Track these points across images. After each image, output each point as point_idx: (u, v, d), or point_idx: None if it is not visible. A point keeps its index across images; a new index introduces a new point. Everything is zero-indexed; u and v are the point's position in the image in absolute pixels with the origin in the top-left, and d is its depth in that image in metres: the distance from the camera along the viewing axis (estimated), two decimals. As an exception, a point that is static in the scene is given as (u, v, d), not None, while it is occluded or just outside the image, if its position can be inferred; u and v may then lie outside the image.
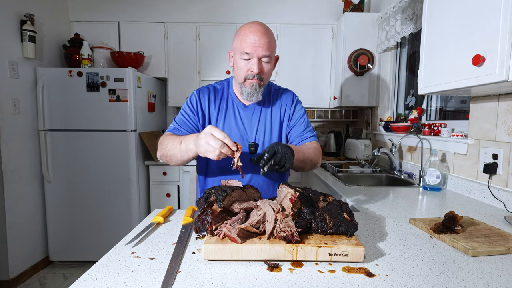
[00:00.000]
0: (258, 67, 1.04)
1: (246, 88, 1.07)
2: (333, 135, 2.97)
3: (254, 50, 1.02)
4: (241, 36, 1.04)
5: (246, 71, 1.06)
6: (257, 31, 1.03)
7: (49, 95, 2.36)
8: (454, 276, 0.64)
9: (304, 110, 1.24)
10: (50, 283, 2.24)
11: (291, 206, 0.75)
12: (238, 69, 1.08)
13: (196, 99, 1.16)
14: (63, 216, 2.44)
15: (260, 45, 1.02)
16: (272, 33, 1.08)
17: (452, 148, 1.59)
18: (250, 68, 1.05)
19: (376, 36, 2.53)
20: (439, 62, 1.23)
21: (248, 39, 1.02)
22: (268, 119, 1.17)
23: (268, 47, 1.04)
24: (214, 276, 0.63)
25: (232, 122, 1.15)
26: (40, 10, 2.44)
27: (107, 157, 2.42)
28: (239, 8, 2.90)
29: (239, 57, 1.06)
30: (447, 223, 0.87)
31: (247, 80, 1.07)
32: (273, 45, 1.07)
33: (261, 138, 1.15)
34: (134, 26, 2.82)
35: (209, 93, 1.17)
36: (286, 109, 1.20)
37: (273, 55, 1.08)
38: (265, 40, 1.03)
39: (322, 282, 0.61)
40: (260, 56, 1.04)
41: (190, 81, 2.86)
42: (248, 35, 1.03)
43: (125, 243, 0.79)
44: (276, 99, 1.21)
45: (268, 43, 1.04)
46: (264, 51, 1.03)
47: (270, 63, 1.08)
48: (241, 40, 1.04)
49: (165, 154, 1.05)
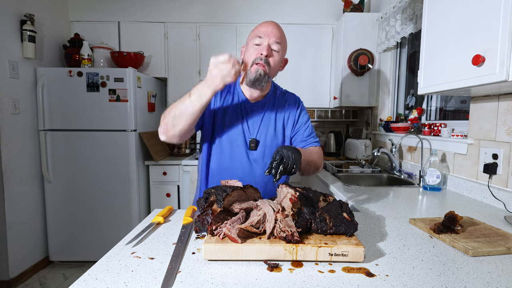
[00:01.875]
0: (267, 50, 1.05)
1: (252, 73, 1.06)
2: (333, 135, 2.97)
3: (266, 35, 1.06)
4: (256, 27, 1.10)
5: (256, 54, 1.06)
6: (271, 23, 1.10)
7: (49, 95, 2.36)
8: (454, 276, 0.64)
9: (308, 117, 1.26)
10: (50, 283, 2.24)
11: (291, 206, 0.75)
12: (248, 55, 1.09)
13: None
14: (63, 216, 2.44)
15: (273, 33, 1.07)
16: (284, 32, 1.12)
17: (452, 148, 1.59)
18: (259, 51, 1.06)
19: (376, 36, 2.53)
20: (439, 62, 1.23)
21: (262, 27, 1.08)
22: (272, 118, 1.18)
23: (279, 36, 1.08)
24: (214, 276, 0.63)
25: (235, 116, 1.16)
26: (40, 10, 2.44)
27: (107, 157, 2.42)
28: (239, 8, 2.90)
29: (251, 44, 1.08)
30: (447, 223, 0.87)
31: (254, 65, 1.06)
32: (284, 40, 1.11)
33: (262, 136, 1.16)
34: (134, 26, 2.82)
35: None
36: (290, 114, 1.21)
37: (283, 48, 1.11)
38: (277, 30, 1.08)
39: (322, 282, 0.61)
40: (271, 42, 1.06)
41: (190, 81, 2.85)
42: (262, 24, 1.09)
43: (125, 243, 0.79)
44: (282, 102, 1.21)
45: (280, 35, 1.09)
46: (275, 38, 1.06)
47: (278, 55, 1.09)
48: (255, 30, 1.10)
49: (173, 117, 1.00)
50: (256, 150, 1.15)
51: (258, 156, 1.16)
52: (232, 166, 1.16)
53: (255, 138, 1.15)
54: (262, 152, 1.16)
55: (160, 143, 2.82)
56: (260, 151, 1.16)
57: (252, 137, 1.15)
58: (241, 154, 1.15)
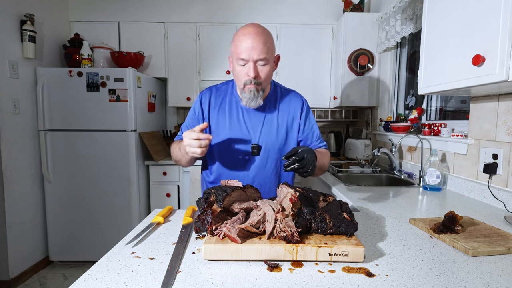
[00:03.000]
0: (254, 71, 1.01)
1: (246, 94, 1.06)
2: (333, 135, 2.97)
3: (248, 54, 0.99)
4: (236, 41, 1.02)
5: (244, 76, 1.04)
6: (251, 33, 1.00)
7: (49, 95, 2.36)
8: (454, 276, 0.64)
9: (313, 118, 1.24)
10: (50, 283, 2.24)
11: (291, 206, 0.75)
12: (236, 74, 1.06)
13: (198, 103, 1.18)
14: (63, 216, 2.44)
15: (254, 48, 0.99)
16: (268, 33, 1.05)
17: (452, 148, 1.59)
18: (247, 72, 1.02)
19: (376, 36, 2.53)
20: (439, 62, 1.23)
21: (242, 44, 1.00)
22: (274, 121, 1.15)
23: (263, 49, 1.00)
24: (214, 276, 0.63)
25: (236, 123, 1.14)
26: (40, 10, 2.44)
27: (107, 157, 2.42)
28: (239, 8, 2.90)
29: (236, 63, 1.04)
30: (447, 223, 0.87)
31: (246, 86, 1.04)
32: (269, 46, 1.03)
33: (264, 140, 1.14)
34: (134, 26, 2.82)
35: (211, 94, 1.18)
36: (295, 116, 1.18)
37: (270, 57, 1.05)
38: (259, 42, 0.99)
39: (322, 282, 0.61)
40: (255, 60, 1.01)
41: (190, 81, 2.86)
42: (241, 39, 1.00)
43: (125, 243, 0.79)
44: (284, 102, 1.18)
45: (263, 45, 1.00)
46: (258, 54, 1.00)
47: (267, 66, 1.04)
48: (236, 46, 1.02)
49: (174, 159, 1.16)
50: (258, 155, 1.14)
51: (261, 161, 1.14)
52: (235, 172, 1.15)
53: (257, 143, 1.13)
54: (266, 157, 1.14)
55: (160, 143, 2.82)
56: (263, 156, 1.14)
57: (254, 142, 1.13)
58: (244, 161, 1.14)
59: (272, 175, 1.17)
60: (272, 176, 1.17)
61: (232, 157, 1.14)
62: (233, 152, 1.14)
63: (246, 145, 1.13)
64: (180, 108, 3.20)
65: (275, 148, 1.15)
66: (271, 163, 1.15)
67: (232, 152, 1.14)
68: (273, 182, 1.18)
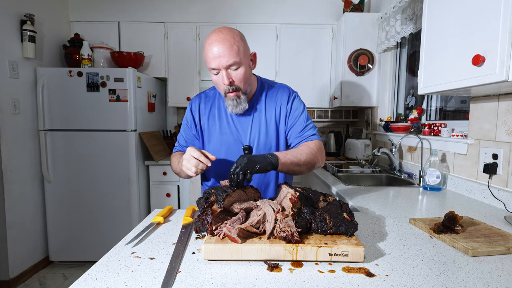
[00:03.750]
0: (227, 78, 1.00)
1: (229, 101, 1.06)
2: (333, 135, 2.97)
3: (217, 63, 0.98)
4: (204, 52, 1.02)
5: (221, 85, 1.04)
6: (215, 41, 0.98)
7: (49, 95, 2.36)
8: (454, 276, 0.64)
9: (303, 106, 1.17)
10: (50, 283, 2.24)
11: (291, 206, 0.76)
12: (216, 84, 1.07)
13: (189, 111, 1.19)
14: (63, 216, 2.44)
15: (222, 55, 0.97)
16: (235, 34, 1.01)
17: (452, 148, 1.59)
18: (222, 81, 1.02)
19: (376, 36, 2.53)
20: (439, 62, 1.23)
21: (209, 54, 0.99)
22: (263, 120, 1.14)
23: (230, 53, 0.97)
24: (214, 276, 0.63)
25: (226, 127, 1.14)
26: (40, 10, 2.44)
27: (107, 157, 2.42)
28: (239, 8, 2.90)
29: (211, 73, 1.05)
30: (447, 223, 0.87)
31: (227, 94, 1.05)
32: (238, 47, 0.99)
33: (255, 141, 1.13)
34: (134, 26, 2.82)
35: (200, 101, 1.19)
36: (281, 108, 1.14)
37: (242, 58, 1.01)
38: (224, 48, 0.97)
39: (322, 282, 0.61)
40: (226, 66, 0.99)
41: (190, 81, 2.86)
42: (208, 49, 0.99)
43: (125, 243, 0.79)
44: (271, 98, 1.16)
45: (230, 49, 0.97)
46: (227, 59, 0.98)
47: (241, 68, 1.01)
48: (205, 56, 1.02)
49: (174, 172, 1.15)
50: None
51: None
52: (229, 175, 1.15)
53: (248, 144, 1.13)
54: None
55: (160, 143, 2.82)
56: None
57: (245, 143, 1.13)
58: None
59: (268, 174, 1.16)
60: (268, 175, 1.17)
61: (226, 161, 1.14)
62: (226, 155, 1.14)
63: (238, 147, 1.13)
64: (180, 108, 3.20)
65: (267, 146, 1.14)
66: None
67: (225, 155, 1.14)
68: (269, 181, 1.18)
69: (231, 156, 1.14)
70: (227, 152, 1.14)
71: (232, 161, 1.13)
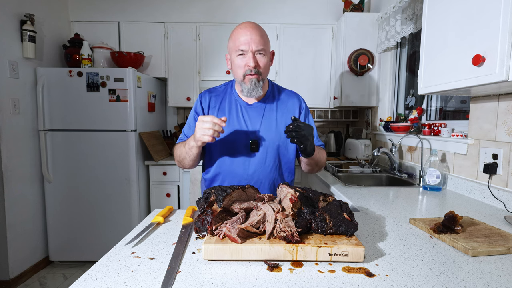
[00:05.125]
0: (254, 61, 1.06)
1: (246, 84, 1.09)
2: (333, 135, 2.97)
3: (247, 45, 1.06)
4: (234, 36, 1.09)
5: (243, 67, 1.08)
6: (247, 27, 1.07)
7: (49, 95, 2.36)
8: (454, 276, 0.64)
9: (311, 117, 1.27)
10: (50, 283, 2.24)
11: (291, 206, 0.75)
12: (236, 67, 1.10)
13: (198, 104, 1.21)
14: (63, 216, 2.44)
15: (253, 40, 1.05)
16: (263, 29, 1.11)
17: (452, 148, 1.59)
18: (246, 63, 1.07)
19: (376, 36, 2.53)
20: (439, 62, 1.23)
21: (240, 37, 1.06)
22: (273, 118, 1.18)
23: (260, 40, 1.07)
24: (214, 276, 0.63)
25: (235, 121, 1.17)
26: (40, 10, 2.44)
27: (107, 157, 2.42)
28: (239, 8, 2.90)
29: (235, 55, 1.09)
30: (447, 223, 0.87)
31: (246, 77, 1.09)
32: (266, 39, 1.10)
33: (263, 136, 1.16)
34: (134, 26, 2.82)
35: (211, 95, 1.21)
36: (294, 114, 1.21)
37: (267, 50, 1.10)
38: (256, 34, 1.06)
39: (322, 282, 0.61)
40: (254, 50, 1.06)
41: (190, 81, 2.86)
42: (239, 33, 1.07)
43: (125, 243, 0.79)
44: (282, 101, 1.22)
45: (260, 37, 1.07)
46: (257, 45, 1.06)
47: (265, 56, 1.09)
48: (234, 40, 1.08)
49: (178, 160, 1.18)
50: (258, 151, 1.15)
51: (260, 157, 1.16)
52: (234, 168, 1.16)
53: (256, 139, 1.15)
54: (264, 153, 1.16)
55: (160, 143, 2.82)
56: (262, 152, 1.16)
57: (252, 138, 1.15)
58: (244, 157, 1.15)
59: (271, 171, 1.18)
60: (272, 172, 1.18)
61: (232, 154, 1.16)
62: (232, 148, 1.15)
63: (245, 141, 1.15)
64: (180, 108, 3.20)
65: (274, 144, 1.17)
66: (270, 159, 1.17)
67: (231, 148, 1.15)
68: (272, 179, 1.19)
69: (236, 149, 1.15)
70: (233, 145, 1.15)
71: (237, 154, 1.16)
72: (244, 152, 1.15)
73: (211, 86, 2.89)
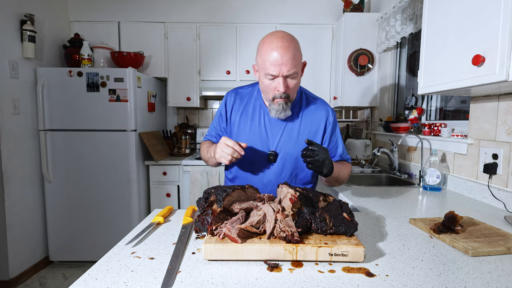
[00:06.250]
0: (284, 86, 0.99)
1: (275, 106, 1.04)
2: (333, 135, 2.96)
3: (278, 70, 0.96)
4: (263, 54, 0.98)
5: (273, 90, 1.01)
6: (279, 48, 0.95)
7: (49, 95, 2.36)
8: (454, 276, 0.64)
9: (338, 130, 1.21)
10: (50, 283, 2.24)
11: (291, 206, 0.75)
12: (264, 87, 1.04)
13: (223, 105, 1.19)
14: (63, 216, 2.44)
15: (284, 63, 0.95)
16: (296, 43, 1.01)
17: (452, 148, 1.59)
18: (276, 87, 1.00)
19: (376, 36, 2.53)
20: (439, 62, 1.23)
21: (270, 58, 0.96)
22: (295, 130, 1.12)
23: (292, 63, 0.96)
24: (214, 276, 0.63)
25: (256, 128, 1.13)
26: (40, 10, 2.44)
27: (107, 157, 2.42)
28: (239, 8, 2.90)
29: (264, 76, 1.01)
30: (447, 223, 0.87)
31: (275, 100, 1.03)
32: (298, 57, 1.01)
33: (282, 148, 1.12)
34: (134, 26, 2.82)
35: (236, 97, 1.18)
36: (318, 128, 1.15)
37: (299, 68, 1.02)
38: (288, 57, 0.95)
39: (322, 282, 0.61)
40: (285, 75, 0.98)
41: (190, 81, 2.86)
42: (270, 54, 0.96)
43: (125, 243, 0.79)
44: (308, 112, 1.15)
45: (292, 58, 0.96)
46: (288, 69, 0.96)
47: (296, 78, 1.02)
48: (263, 59, 0.98)
49: (203, 159, 1.22)
50: (275, 162, 1.12)
51: (276, 169, 1.13)
52: (250, 176, 1.16)
53: (275, 150, 1.12)
54: (281, 164, 1.13)
55: (160, 143, 2.82)
56: (279, 164, 1.13)
57: (272, 149, 1.12)
58: (260, 166, 1.14)
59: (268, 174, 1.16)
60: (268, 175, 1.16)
61: (250, 161, 1.13)
62: (251, 156, 1.12)
63: (264, 151, 1.12)
64: (180, 108, 3.20)
65: (292, 157, 1.12)
66: (287, 171, 1.13)
67: (250, 156, 1.12)
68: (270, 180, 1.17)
69: (254, 158, 1.13)
70: (252, 153, 1.12)
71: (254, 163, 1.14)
72: (261, 161, 1.13)
73: (211, 86, 2.92)
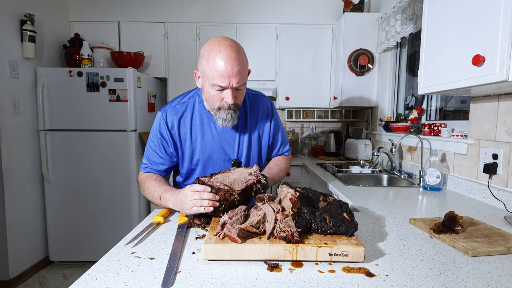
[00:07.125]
0: (233, 98, 0.94)
1: (221, 115, 0.99)
2: (333, 135, 2.97)
3: (227, 82, 0.91)
4: (211, 63, 0.91)
5: (220, 101, 0.97)
6: (229, 58, 0.89)
7: (49, 95, 2.36)
8: (454, 276, 0.64)
9: (280, 121, 1.23)
10: (50, 283, 2.24)
11: (291, 206, 0.76)
12: (210, 97, 0.97)
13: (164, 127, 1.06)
14: (63, 216, 2.44)
15: (234, 74, 0.91)
16: (243, 51, 0.96)
17: (452, 148, 1.59)
18: (224, 98, 0.95)
19: (376, 36, 2.53)
20: (439, 62, 1.23)
21: (219, 68, 0.90)
22: (247, 134, 1.12)
23: (242, 75, 0.93)
24: (214, 276, 0.63)
25: (210, 140, 1.09)
26: (40, 10, 2.44)
27: (107, 157, 2.42)
28: (239, 8, 2.90)
29: (210, 86, 0.94)
30: (447, 223, 0.87)
31: (222, 109, 0.98)
32: (246, 67, 0.97)
33: (243, 155, 1.13)
34: (134, 26, 2.82)
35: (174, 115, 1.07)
36: (265, 125, 1.16)
37: (246, 77, 0.98)
38: (238, 68, 0.91)
39: (322, 282, 0.61)
40: (234, 87, 0.93)
41: (190, 81, 2.85)
42: (218, 64, 0.90)
43: (125, 243, 0.79)
44: (253, 109, 1.14)
45: (242, 70, 0.92)
46: (238, 81, 0.92)
47: (244, 87, 0.99)
48: (211, 69, 0.91)
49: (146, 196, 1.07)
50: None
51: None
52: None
53: (236, 158, 1.12)
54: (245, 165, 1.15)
55: (160, 143, 2.82)
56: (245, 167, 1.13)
57: (233, 158, 1.12)
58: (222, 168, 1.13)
59: None
60: None
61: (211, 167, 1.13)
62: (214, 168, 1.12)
63: (226, 162, 1.12)
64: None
65: (255, 157, 1.16)
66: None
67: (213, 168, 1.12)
68: None
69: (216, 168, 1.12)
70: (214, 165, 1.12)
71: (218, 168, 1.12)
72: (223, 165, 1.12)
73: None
